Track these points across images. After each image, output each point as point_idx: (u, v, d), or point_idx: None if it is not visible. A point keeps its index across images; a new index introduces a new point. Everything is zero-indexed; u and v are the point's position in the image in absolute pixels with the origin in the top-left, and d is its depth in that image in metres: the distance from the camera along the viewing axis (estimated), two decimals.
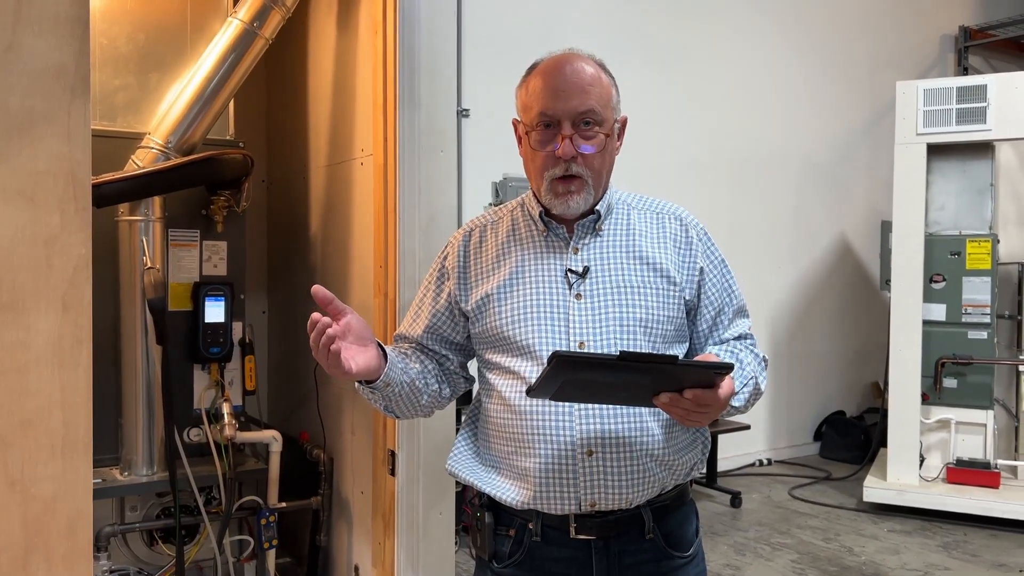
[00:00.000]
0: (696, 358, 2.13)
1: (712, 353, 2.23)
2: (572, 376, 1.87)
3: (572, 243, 2.25)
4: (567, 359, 1.81)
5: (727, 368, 1.90)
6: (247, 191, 4.20)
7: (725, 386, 1.92)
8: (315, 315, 2.00)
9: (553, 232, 2.27)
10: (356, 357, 2.07)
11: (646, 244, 2.26)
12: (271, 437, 4.23)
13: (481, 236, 2.39)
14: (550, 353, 1.79)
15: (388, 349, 2.22)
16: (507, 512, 2.27)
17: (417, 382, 2.29)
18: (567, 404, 2.13)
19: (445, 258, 2.41)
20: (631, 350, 2.12)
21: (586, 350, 2.14)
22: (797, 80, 8.44)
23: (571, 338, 2.16)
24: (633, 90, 7.07)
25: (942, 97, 6.67)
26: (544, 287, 2.22)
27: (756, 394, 2.25)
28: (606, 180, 2.27)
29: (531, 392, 1.94)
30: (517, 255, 2.29)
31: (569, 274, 2.22)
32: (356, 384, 2.21)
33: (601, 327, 2.16)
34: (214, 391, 4.18)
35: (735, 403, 2.15)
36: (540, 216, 2.27)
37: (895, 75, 7.92)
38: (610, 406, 2.13)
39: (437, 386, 2.38)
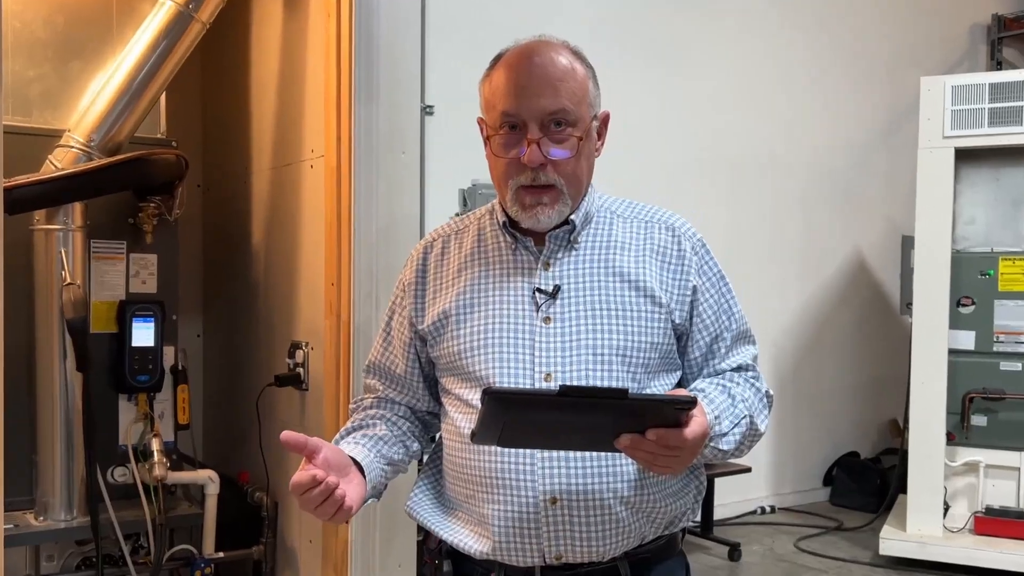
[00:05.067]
0: (667, 393, 2.12)
1: (686, 389, 2.19)
2: (513, 417, 1.84)
3: (543, 257, 2.22)
4: (501, 397, 1.80)
5: (689, 403, 1.85)
6: (180, 197, 4.22)
7: (694, 425, 1.87)
8: (302, 477, 1.93)
9: (521, 245, 2.24)
10: (350, 494, 2.03)
11: (628, 259, 2.21)
12: (207, 478, 4.25)
13: (444, 247, 2.37)
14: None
15: (359, 453, 2.19)
16: (468, 561, 2.25)
17: (395, 457, 2.30)
18: None
19: (404, 274, 2.41)
20: (575, 384, 2.08)
21: (551, 384, 2.11)
22: (807, 76, 8.46)
23: (536, 369, 2.14)
24: (623, 86, 7.11)
25: (973, 95, 6.67)
26: (508, 308, 2.20)
27: (752, 436, 2.21)
28: (585, 186, 2.24)
29: (474, 438, 1.89)
30: (480, 270, 2.27)
31: (537, 294, 2.19)
32: None
33: (572, 356, 2.14)
34: (142, 425, 4.19)
35: (722, 446, 2.11)
36: (504, 227, 2.24)
37: (919, 71, 7.94)
38: None
39: (418, 447, 2.41)
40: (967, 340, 6.78)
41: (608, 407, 1.80)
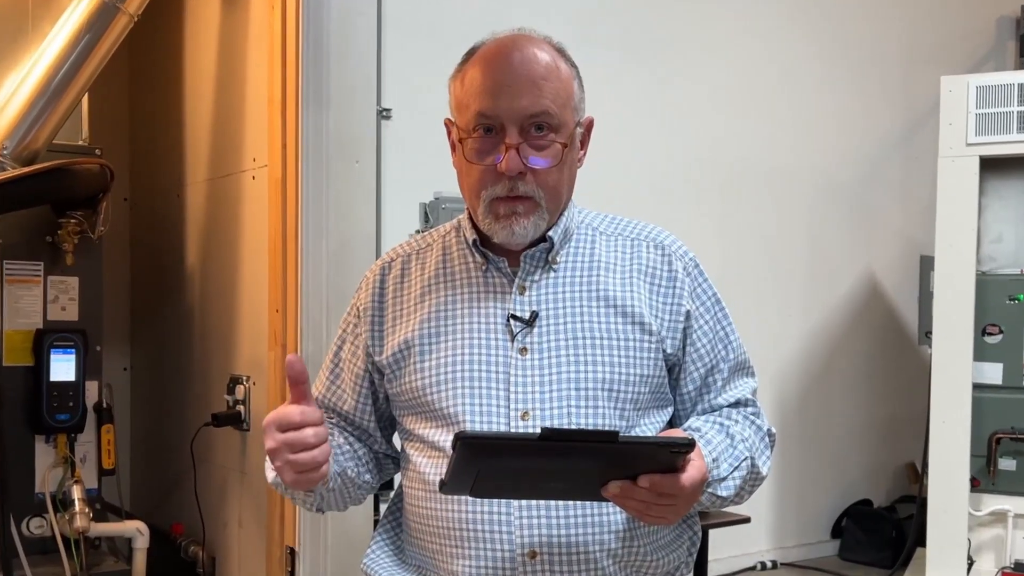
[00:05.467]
0: (661, 434, 2.13)
1: (680, 428, 2.19)
2: (488, 464, 1.81)
3: (518, 280, 2.21)
4: (475, 443, 1.77)
5: (687, 446, 1.82)
6: (105, 212, 4.21)
7: (691, 470, 1.87)
8: (293, 412, 1.93)
9: (493, 265, 2.23)
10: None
11: (613, 281, 2.21)
12: (135, 530, 4.24)
13: (403, 269, 2.36)
14: (455, 435, 1.73)
15: None
16: None
17: (349, 472, 2.26)
18: None
19: (358, 298, 2.40)
20: (559, 426, 2.07)
21: (529, 423, 2.10)
22: (813, 76, 8.46)
23: (512, 406, 2.13)
24: (605, 88, 7.05)
25: (1000, 96, 6.62)
26: (479, 337, 2.19)
27: (753, 480, 2.22)
28: (566, 200, 2.24)
29: (443, 487, 1.86)
30: (446, 294, 2.26)
31: (512, 321, 2.18)
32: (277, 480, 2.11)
33: (552, 391, 2.13)
34: (61, 470, 4.17)
35: (721, 492, 2.12)
36: (474, 245, 2.23)
37: (938, 70, 7.93)
38: None
39: (369, 478, 2.37)
40: (994, 373, 6.74)
41: (596, 452, 1.79)
